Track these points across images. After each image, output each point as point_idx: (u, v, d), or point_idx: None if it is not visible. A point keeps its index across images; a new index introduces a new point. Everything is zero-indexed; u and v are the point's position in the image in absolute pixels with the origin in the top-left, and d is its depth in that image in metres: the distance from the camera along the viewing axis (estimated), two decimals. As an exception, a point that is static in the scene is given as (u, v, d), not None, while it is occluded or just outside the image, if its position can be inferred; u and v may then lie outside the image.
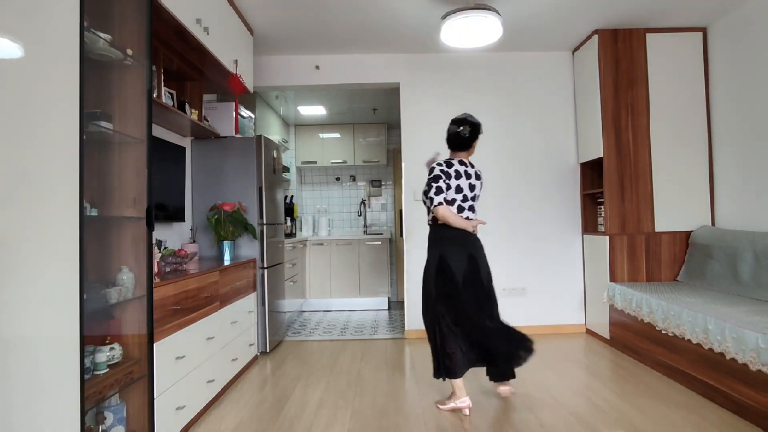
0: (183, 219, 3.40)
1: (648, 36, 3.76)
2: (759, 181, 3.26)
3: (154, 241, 2.30)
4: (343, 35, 3.80)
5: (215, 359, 2.67)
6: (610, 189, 3.71)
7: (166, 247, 2.85)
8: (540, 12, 3.43)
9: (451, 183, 2.51)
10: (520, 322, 4.13)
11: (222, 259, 3.31)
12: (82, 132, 1.44)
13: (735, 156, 3.49)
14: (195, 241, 3.49)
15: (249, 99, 4.53)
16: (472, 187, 2.57)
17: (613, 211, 3.70)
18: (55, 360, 1.35)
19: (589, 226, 4.13)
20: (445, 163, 2.55)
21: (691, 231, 3.70)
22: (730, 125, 3.54)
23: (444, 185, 2.49)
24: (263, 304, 3.60)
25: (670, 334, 2.88)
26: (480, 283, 2.53)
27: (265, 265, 3.64)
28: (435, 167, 2.53)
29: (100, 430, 1.73)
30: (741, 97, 3.41)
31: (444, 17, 3.08)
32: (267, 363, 3.47)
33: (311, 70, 4.23)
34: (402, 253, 4.81)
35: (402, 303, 5.09)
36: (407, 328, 4.15)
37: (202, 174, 3.64)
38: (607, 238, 3.70)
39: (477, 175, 2.62)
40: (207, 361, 2.55)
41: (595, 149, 3.83)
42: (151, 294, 1.87)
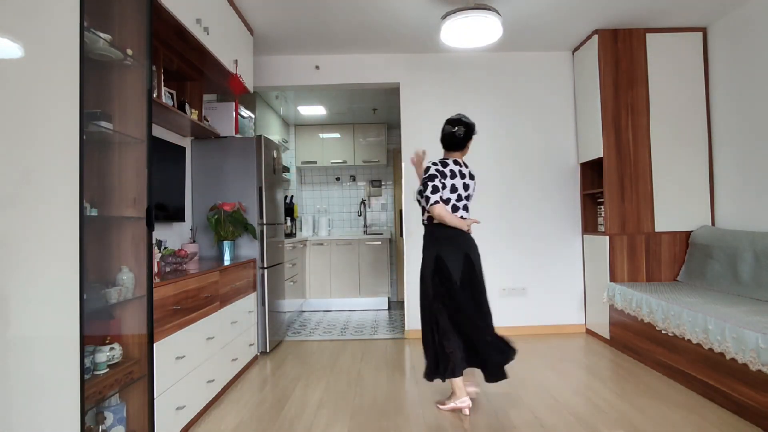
0: (183, 219, 3.40)
1: (648, 36, 3.76)
2: (759, 181, 3.26)
3: (154, 241, 2.30)
4: (343, 35, 3.80)
5: (215, 359, 2.67)
6: (610, 189, 3.71)
7: (166, 247, 2.85)
8: (540, 12, 3.43)
9: (447, 182, 2.52)
10: (520, 322, 4.15)
11: (222, 259, 3.32)
12: (82, 132, 1.44)
13: (735, 156, 3.49)
14: (195, 241, 3.49)
15: (249, 99, 4.52)
16: (466, 187, 2.59)
17: (613, 211, 3.71)
18: (55, 360, 1.35)
19: (589, 226, 4.13)
20: (440, 163, 2.56)
21: (691, 231, 3.70)
22: (730, 125, 3.54)
23: (440, 184, 2.50)
24: (263, 304, 3.60)
25: (670, 334, 2.88)
26: (476, 283, 2.54)
27: (265, 265, 3.64)
28: (431, 166, 2.54)
29: (100, 430, 1.73)
30: (741, 97, 3.41)
31: (444, 17, 3.08)
32: (267, 363, 3.47)
33: (311, 70, 4.23)
34: (402, 253, 4.81)
35: (402, 303, 5.09)
36: (407, 328, 4.15)
37: (202, 174, 3.64)
38: (607, 238, 3.70)
39: (471, 175, 2.64)
40: (207, 361, 2.55)
41: (595, 149, 3.83)
42: (151, 294, 1.87)
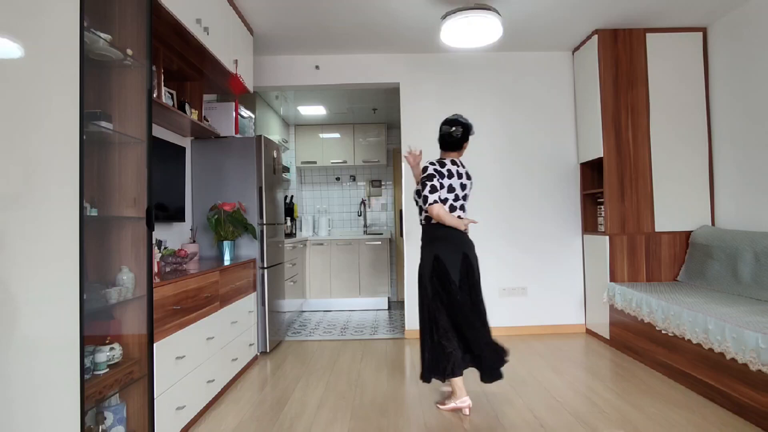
0: (183, 219, 3.40)
1: (648, 36, 3.76)
2: (759, 181, 3.26)
3: (154, 241, 2.30)
4: (343, 35, 3.80)
5: (215, 359, 2.67)
6: (610, 189, 3.71)
7: (166, 247, 2.85)
8: (540, 12, 3.43)
9: (444, 182, 2.53)
10: (520, 322, 4.15)
11: (222, 259, 3.31)
12: (82, 132, 1.44)
13: (735, 156, 3.49)
14: (195, 241, 3.49)
15: (249, 99, 4.52)
16: (463, 187, 2.61)
17: (613, 211, 3.71)
18: (55, 360, 1.35)
19: (589, 225, 4.13)
20: (438, 163, 2.57)
21: (691, 231, 3.70)
22: (730, 125, 3.54)
23: (438, 184, 2.50)
24: (263, 304, 3.60)
25: (670, 334, 2.88)
26: (473, 283, 2.55)
27: (265, 265, 3.64)
28: (428, 166, 2.55)
29: (100, 430, 1.73)
30: (741, 97, 3.41)
31: (444, 17, 3.08)
32: (267, 363, 3.47)
33: (311, 70, 4.23)
34: (402, 253, 4.81)
35: (402, 303, 5.09)
36: (407, 328, 4.15)
37: (202, 174, 3.64)
38: (607, 238, 3.70)
39: (468, 175, 2.65)
40: (207, 361, 2.55)
41: (595, 149, 3.83)
42: (151, 294, 1.87)
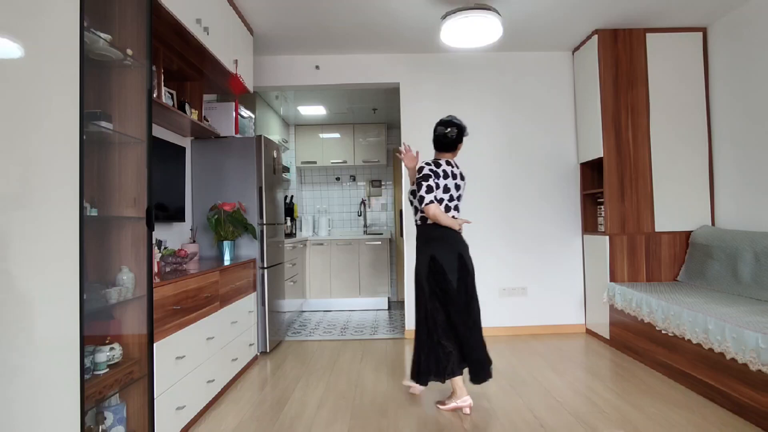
0: (183, 219, 3.40)
1: (648, 36, 3.76)
2: (759, 181, 3.26)
3: (154, 241, 2.30)
4: (343, 35, 3.80)
5: (215, 359, 2.67)
6: (610, 189, 3.71)
7: (166, 247, 2.85)
8: (540, 12, 3.43)
9: (440, 183, 2.54)
10: (520, 322, 4.15)
11: (222, 259, 3.31)
12: (82, 132, 1.44)
13: (735, 156, 3.49)
14: (195, 241, 3.49)
15: (249, 99, 4.52)
16: (457, 187, 2.63)
17: (613, 211, 3.70)
18: (56, 360, 1.35)
19: (589, 226, 4.13)
20: (433, 163, 2.59)
21: (691, 231, 3.70)
22: (730, 125, 3.54)
23: (434, 184, 2.52)
24: (263, 304, 3.60)
25: (670, 334, 2.88)
26: (468, 283, 2.55)
27: (265, 265, 3.64)
28: (424, 166, 2.56)
29: (100, 430, 1.73)
30: (741, 97, 3.41)
31: (444, 17, 3.08)
32: (267, 363, 3.47)
33: (311, 70, 4.23)
34: (402, 253, 4.81)
35: (402, 303, 5.09)
36: (407, 327, 4.15)
37: (202, 174, 3.64)
38: (607, 238, 3.70)
39: (462, 176, 2.67)
40: (207, 361, 2.55)
41: (595, 149, 3.83)
42: (151, 294, 1.87)
